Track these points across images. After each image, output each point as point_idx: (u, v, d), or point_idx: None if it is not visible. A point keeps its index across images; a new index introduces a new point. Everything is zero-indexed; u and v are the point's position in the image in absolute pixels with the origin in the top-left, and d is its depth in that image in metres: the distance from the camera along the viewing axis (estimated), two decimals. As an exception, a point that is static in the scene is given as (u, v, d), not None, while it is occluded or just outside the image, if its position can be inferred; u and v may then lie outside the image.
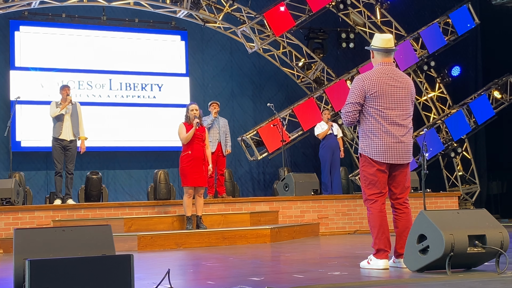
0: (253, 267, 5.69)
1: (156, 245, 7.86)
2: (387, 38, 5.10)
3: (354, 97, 5.01)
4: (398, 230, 5.04)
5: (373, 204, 5.00)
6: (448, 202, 11.29)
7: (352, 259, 5.88)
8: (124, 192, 13.30)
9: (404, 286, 4.14)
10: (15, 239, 3.88)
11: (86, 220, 8.69)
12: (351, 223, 10.44)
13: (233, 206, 9.83)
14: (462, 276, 4.40)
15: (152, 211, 9.33)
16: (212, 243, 8.13)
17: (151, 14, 13.36)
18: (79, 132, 9.50)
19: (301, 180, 10.65)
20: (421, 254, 4.59)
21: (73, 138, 9.46)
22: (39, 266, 3.25)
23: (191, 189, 8.37)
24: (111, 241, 4.01)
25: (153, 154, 13.56)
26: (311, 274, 4.86)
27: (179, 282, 4.60)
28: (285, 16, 13.13)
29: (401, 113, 5.00)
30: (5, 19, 12.50)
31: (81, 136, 9.52)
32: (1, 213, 8.43)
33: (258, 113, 14.38)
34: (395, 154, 4.97)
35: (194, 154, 8.36)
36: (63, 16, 13.01)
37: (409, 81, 5.12)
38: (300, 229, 9.48)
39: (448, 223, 4.54)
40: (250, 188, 14.45)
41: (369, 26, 14.14)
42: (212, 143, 10.30)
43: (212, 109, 10.56)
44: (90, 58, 13.15)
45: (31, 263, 3.24)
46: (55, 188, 9.65)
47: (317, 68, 14.16)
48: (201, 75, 14.25)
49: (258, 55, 14.11)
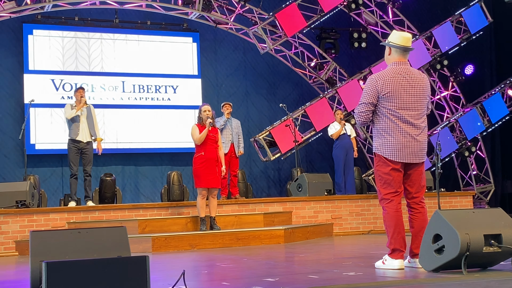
0: (268, 268, 5.69)
1: (170, 247, 7.88)
2: (406, 37, 5.05)
3: (367, 97, 4.99)
4: (413, 230, 5.01)
5: (389, 204, 4.97)
6: (462, 201, 11.22)
7: (366, 259, 5.86)
8: (139, 193, 13.35)
9: (420, 286, 4.12)
10: (31, 241, 3.90)
11: (100, 222, 8.72)
12: (365, 223, 10.41)
13: (246, 207, 9.82)
14: (478, 275, 4.37)
15: (165, 212, 9.35)
16: (226, 244, 8.13)
17: (163, 16, 13.40)
18: (95, 134, 9.56)
19: (314, 180, 10.63)
20: (437, 254, 4.57)
21: (90, 140, 9.51)
22: (56, 268, 3.27)
23: (204, 190, 8.38)
24: (127, 243, 4.03)
25: (167, 155, 13.60)
26: (325, 275, 4.85)
27: (194, 284, 4.61)
28: (297, 16, 13.13)
29: (415, 113, 4.97)
30: (18, 22, 12.58)
31: (97, 137, 9.58)
32: (16, 216, 8.49)
33: (273, 112, 14.37)
34: (410, 153, 4.94)
35: (207, 156, 8.37)
36: (76, 19, 13.08)
37: (424, 80, 5.07)
38: (314, 229, 9.46)
39: (463, 222, 4.52)
40: (265, 187, 14.45)
41: (381, 25, 14.10)
42: (225, 144, 10.31)
43: (224, 110, 10.57)
44: (103, 60, 13.21)
45: (48, 265, 3.26)
46: (70, 191, 9.70)
47: (329, 68, 14.14)
48: (214, 75, 14.27)
49: (271, 55, 14.11)
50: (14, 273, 6.29)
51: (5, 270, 6.58)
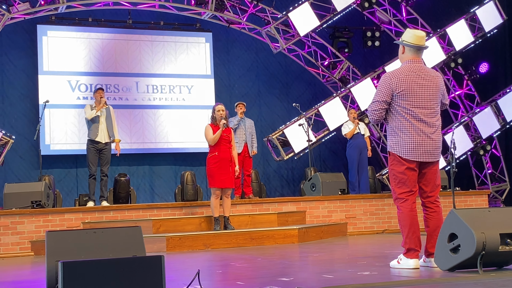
0: (282, 267, 5.68)
1: (184, 246, 7.90)
2: (420, 35, 5.03)
3: (381, 95, 4.97)
4: (429, 229, 4.99)
5: (404, 203, 4.95)
6: (477, 200, 11.16)
7: (381, 258, 5.84)
8: (153, 193, 13.40)
9: (435, 286, 4.10)
10: (47, 241, 3.93)
11: (115, 222, 8.76)
12: (379, 223, 10.38)
13: (260, 207, 9.83)
14: (494, 275, 4.34)
15: (179, 212, 9.37)
16: (240, 244, 8.14)
17: (176, 17, 13.43)
18: (114, 135, 9.61)
19: (328, 179, 10.61)
20: (452, 253, 4.54)
21: (108, 141, 9.58)
22: (72, 267, 3.29)
23: (218, 190, 8.39)
24: (142, 243, 4.04)
25: (181, 155, 13.64)
26: (340, 274, 4.84)
27: (209, 283, 4.62)
28: (310, 15, 13.11)
29: (430, 111, 4.95)
30: (32, 24, 12.66)
31: (116, 138, 9.64)
32: (32, 216, 8.55)
33: (286, 112, 14.36)
34: (425, 152, 4.92)
35: (221, 155, 8.38)
36: (89, 20, 13.14)
37: (438, 78, 5.05)
38: (328, 229, 9.45)
39: (479, 221, 4.49)
40: (279, 187, 14.44)
41: (395, 23, 14.03)
42: (239, 144, 10.32)
43: (238, 109, 10.58)
44: (116, 61, 13.27)
45: (64, 265, 3.28)
46: (88, 191, 9.77)
47: (342, 67, 14.10)
48: (226, 75, 14.29)
49: (284, 54, 14.10)
50: (30, 273, 6.34)
51: (21, 270, 6.63)
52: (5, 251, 8.30)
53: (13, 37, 12.71)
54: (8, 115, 12.61)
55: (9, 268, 6.83)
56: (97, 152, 9.51)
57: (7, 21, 11.67)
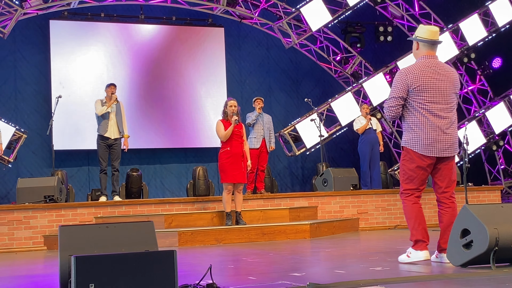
0: (294, 262, 5.68)
1: (196, 241, 7.92)
2: (434, 30, 5.02)
3: (397, 91, 4.96)
4: (443, 225, 4.98)
5: (408, 197, 5.05)
6: (490, 196, 11.09)
7: (393, 254, 5.82)
8: (165, 188, 13.43)
9: (448, 281, 4.09)
10: (60, 236, 3.94)
11: (127, 217, 8.79)
12: (391, 218, 10.35)
13: (272, 202, 9.83)
14: (506, 270, 4.32)
15: (191, 207, 9.39)
16: (252, 239, 8.14)
17: (188, 12, 13.43)
18: (123, 130, 9.62)
19: (339, 175, 10.59)
20: (465, 249, 4.52)
21: (118, 136, 9.58)
22: (85, 262, 3.30)
23: (230, 185, 8.40)
24: (154, 237, 4.05)
25: (192, 150, 13.66)
26: (352, 269, 4.84)
27: (221, 278, 4.62)
28: (322, 10, 13.07)
29: (445, 106, 4.94)
30: (45, 19, 12.70)
31: (125, 134, 9.65)
32: (45, 211, 8.60)
33: (296, 108, 14.36)
34: (440, 147, 4.91)
35: (233, 151, 8.38)
36: (102, 16, 13.17)
37: (453, 74, 5.04)
38: (340, 224, 9.43)
39: (492, 217, 4.47)
40: (289, 183, 14.45)
41: (407, 18, 13.97)
42: (257, 139, 10.30)
43: (256, 104, 10.53)
44: (128, 56, 13.28)
45: (77, 259, 3.29)
46: (100, 186, 9.80)
47: (354, 62, 14.06)
48: (238, 71, 14.29)
49: (294, 50, 14.07)
50: (43, 267, 6.38)
51: (34, 264, 6.67)
52: (18, 245, 8.36)
53: (26, 33, 12.77)
54: (21, 111, 12.68)
55: (23, 263, 6.88)
56: (107, 147, 9.53)
57: (20, 17, 11.73)
